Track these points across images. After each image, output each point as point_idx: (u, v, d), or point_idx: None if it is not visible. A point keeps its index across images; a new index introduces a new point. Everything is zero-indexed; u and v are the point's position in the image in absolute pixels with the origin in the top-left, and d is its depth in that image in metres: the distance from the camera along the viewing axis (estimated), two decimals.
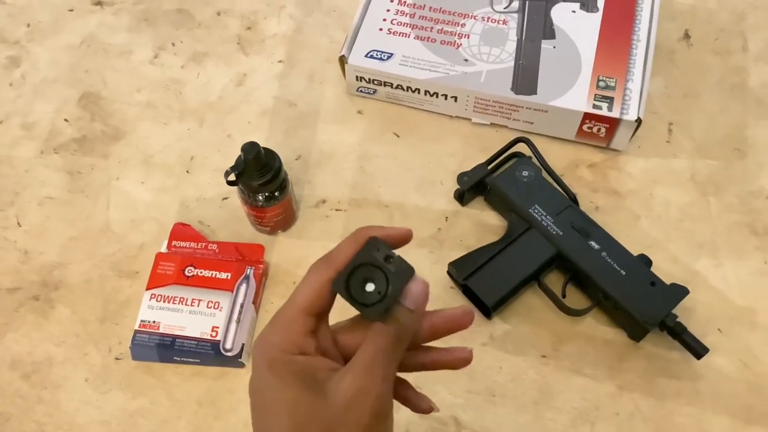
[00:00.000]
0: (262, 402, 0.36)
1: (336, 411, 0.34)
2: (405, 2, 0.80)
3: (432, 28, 0.78)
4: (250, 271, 0.66)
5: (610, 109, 0.71)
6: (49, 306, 0.68)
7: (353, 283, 0.36)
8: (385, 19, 0.78)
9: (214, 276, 0.66)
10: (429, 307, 0.68)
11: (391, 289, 0.36)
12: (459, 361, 0.40)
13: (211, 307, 0.64)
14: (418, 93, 0.76)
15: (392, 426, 0.36)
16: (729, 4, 0.86)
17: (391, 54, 0.76)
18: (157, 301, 0.65)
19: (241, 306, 0.65)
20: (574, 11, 0.78)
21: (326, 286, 0.37)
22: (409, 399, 0.41)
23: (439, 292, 0.68)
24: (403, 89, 0.76)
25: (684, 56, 0.82)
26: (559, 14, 0.78)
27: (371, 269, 0.36)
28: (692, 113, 0.78)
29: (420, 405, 0.41)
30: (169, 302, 0.65)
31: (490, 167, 0.72)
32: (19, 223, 0.72)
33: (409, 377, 0.41)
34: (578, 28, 0.77)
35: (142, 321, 0.64)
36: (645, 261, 0.66)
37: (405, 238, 0.38)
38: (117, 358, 0.65)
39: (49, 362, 0.65)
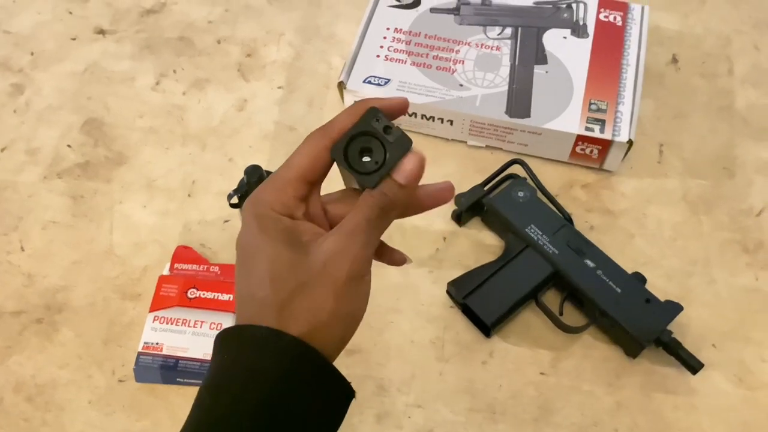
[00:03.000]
0: (246, 253, 0.37)
1: (313, 267, 0.36)
2: (401, 30, 0.82)
3: (428, 54, 0.80)
4: None
5: (602, 131, 0.73)
6: (53, 329, 0.68)
7: (351, 151, 0.37)
8: (382, 46, 0.81)
9: (216, 297, 0.67)
10: (431, 324, 0.69)
11: (388, 158, 0.36)
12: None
13: (213, 329, 0.65)
14: (415, 117, 0.78)
15: (368, 290, 0.38)
16: (715, 30, 0.89)
17: (389, 80, 0.78)
18: (160, 323, 0.65)
19: None
20: (565, 37, 0.81)
21: (322, 154, 0.37)
22: (384, 254, 0.43)
23: (439, 311, 0.69)
24: None
25: (672, 79, 0.85)
26: (551, 40, 0.81)
27: (370, 139, 0.37)
28: (682, 134, 0.80)
29: (394, 257, 0.44)
30: (172, 324, 0.65)
31: (486, 188, 0.74)
32: (22, 248, 0.73)
33: (410, 398, 0.40)
34: (569, 54, 0.79)
35: (145, 343, 0.64)
36: (639, 278, 0.67)
37: (402, 108, 0.39)
38: (120, 380, 0.65)
39: (53, 385, 0.65)
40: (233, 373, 0.36)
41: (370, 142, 0.37)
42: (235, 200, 0.65)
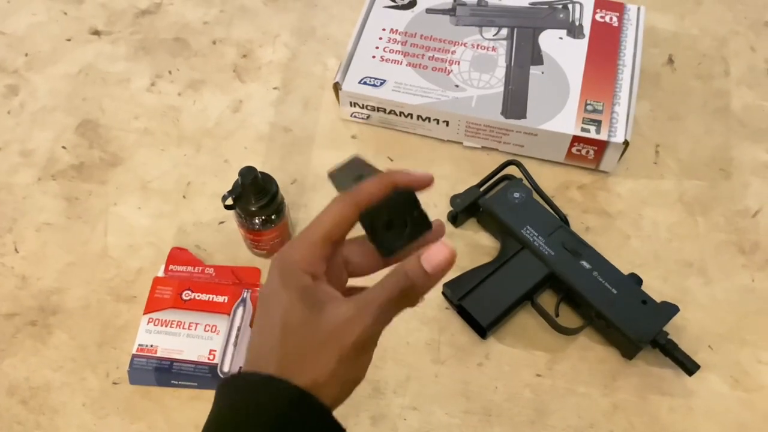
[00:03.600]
0: (266, 304, 0.40)
1: (323, 328, 0.38)
2: (397, 30, 0.82)
3: (423, 55, 0.80)
4: (246, 294, 0.67)
5: (598, 132, 0.73)
6: (47, 331, 0.68)
7: (376, 222, 0.40)
8: (377, 47, 0.80)
9: (211, 300, 0.66)
10: (427, 326, 0.68)
11: (407, 233, 0.40)
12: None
13: (208, 331, 0.65)
14: (411, 118, 0.78)
15: (369, 361, 0.40)
16: (710, 31, 0.88)
17: (384, 80, 0.78)
18: (154, 325, 0.65)
19: (238, 329, 0.65)
20: (561, 38, 0.81)
21: (349, 218, 0.40)
22: None
23: (434, 313, 0.69)
24: (396, 114, 0.78)
25: (668, 80, 0.85)
26: (547, 41, 0.80)
27: (395, 213, 0.40)
28: (678, 135, 0.80)
29: None
30: (166, 326, 0.65)
31: (482, 189, 0.74)
32: (16, 249, 0.73)
33: (406, 400, 0.40)
34: (565, 54, 0.79)
35: (139, 345, 0.64)
36: (636, 280, 0.67)
37: (426, 182, 0.42)
38: (115, 383, 0.65)
39: (46, 387, 0.65)
40: (230, 414, 0.37)
41: (395, 216, 0.40)
42: (229, 202, 0.64)
